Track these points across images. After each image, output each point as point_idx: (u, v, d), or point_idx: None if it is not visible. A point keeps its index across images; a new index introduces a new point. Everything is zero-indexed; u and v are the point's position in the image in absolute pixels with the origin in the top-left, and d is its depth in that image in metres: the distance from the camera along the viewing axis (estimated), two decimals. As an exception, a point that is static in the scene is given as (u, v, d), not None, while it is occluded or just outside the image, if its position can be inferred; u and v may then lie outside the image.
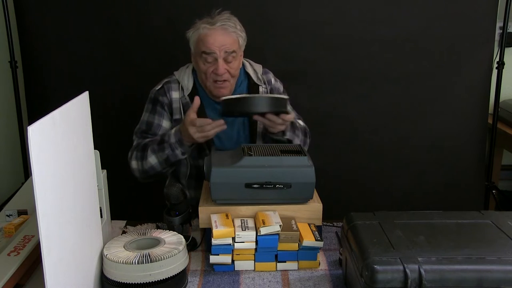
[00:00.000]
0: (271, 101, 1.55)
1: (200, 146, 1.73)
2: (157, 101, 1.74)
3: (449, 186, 2.50)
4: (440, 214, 1.22)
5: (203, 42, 1.65)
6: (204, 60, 1.67)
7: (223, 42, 1.64)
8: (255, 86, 1.80)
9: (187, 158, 1.74)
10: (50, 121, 0.91)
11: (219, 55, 1.65)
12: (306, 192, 1.40)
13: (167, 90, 1.75)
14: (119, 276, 1.14)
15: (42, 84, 2.37)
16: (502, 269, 0.99)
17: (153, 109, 1.75)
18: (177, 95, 1.75)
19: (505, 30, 2.43)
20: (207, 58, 1.66)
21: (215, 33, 1.64)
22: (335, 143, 2.43)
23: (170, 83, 1.76)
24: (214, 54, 1.65)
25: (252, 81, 1.81)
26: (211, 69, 1.67)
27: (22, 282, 1.20)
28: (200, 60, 1.68)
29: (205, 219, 1.38)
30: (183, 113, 1.72)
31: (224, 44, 1.65)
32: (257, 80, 1.81)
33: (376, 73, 2.38)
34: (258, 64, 1.86)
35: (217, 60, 1.65)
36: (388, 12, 2.32)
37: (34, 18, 2.31)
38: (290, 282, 1.27)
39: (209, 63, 1.67)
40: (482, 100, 2.45)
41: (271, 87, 1.84)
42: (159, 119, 1.74)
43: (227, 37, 1.65)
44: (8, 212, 1.47)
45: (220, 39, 1.64)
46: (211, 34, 1.64)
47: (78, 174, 1.07)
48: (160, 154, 1.63)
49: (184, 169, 1.79)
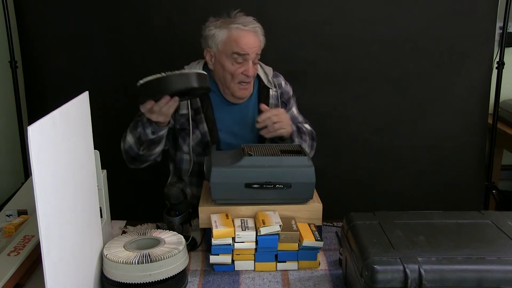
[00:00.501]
0: (184, 77, 1.46)
1: (204, 143, 1.73)
2: None
3: (449, 186, 2.50)
4: (440, 214, 1.22)
5: (237, 42, 1.66)
6: (234, 60, 1.68)
7: (255, 44, 1.68)
8: (265, 89, 1.81)
9: (190, 155, 1.75)
10: (50, 121, 0.91)
11: (250, 57, 1.67)
12: (306, 192, 1.40)
13: None
14: (119, 276, 1.14)
15: (42, 84, 2.37)
16: (502, 269, 0.99)
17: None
18: None
19: (505, 30, 2.43)
20: (238, 58, 1.67)
21: (248, 35, 1.67)
22: (335, 143, 2.43)
23: None
24: (247, 56, 1.67)
25: (263, 83, 1.81)
26: (240, 70, 1.68)
27: (22, 282, 1.20)
28: (228, 60, 1.68)
29: (205, 219, 1.38)
30: (190, 108, 1.73)
31: (256, 46, 1.69)
32: (268, 83, 1.82)
33: (376, 73, 2.38)
34: (269, 67, 1.86)
35: (247, 61, 1.67)
36: (388, 12, 2.32)
37: (34, 18, 2.31)
38: (290, 282, 1.27)
39: (239, 63, 1.68)
40: (482, 100, 2.45)
41: (281, 90, 1.85)
42: None
43: (257, 39, 1.70)
44: (8, 212, 1.47)
45: (253, 41, 1.68)
46: (245, 35, 1.67)
47: (78, 174, 1.07)
48: (134, 132, 1.62)
49: (186, 166, 1.79)
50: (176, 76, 1.44)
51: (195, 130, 1.74)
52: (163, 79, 1.42)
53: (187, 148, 1.76)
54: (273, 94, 1.82)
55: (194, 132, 1.74)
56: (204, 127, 1.74)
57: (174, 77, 1.44)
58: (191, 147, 1.74)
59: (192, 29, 1.84)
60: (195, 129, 1.74)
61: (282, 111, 1.70)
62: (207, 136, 1.75)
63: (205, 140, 1.75)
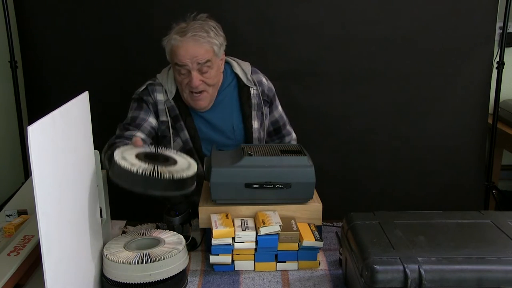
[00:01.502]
0: (168, 184, 1.15)
1: (186, 150, 1.70)
2: (141, 100, 1.71)
3: (449, 186, 2.50)
4: (440, 214, 1.22)
5: (175, 54, 1.61)
6: (178, 72, 1.63)
7: (195, 53, 1.58)
8: (245, 89, 1.76)
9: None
10: (50, 121, 0.91)
11: (191, 67, 1.60)
12: (306, 192, 1.40)
13: (151, 91, 1.71)
14: (119, 276, 1.14)
15: (42, 84, 2.37)
16: (502, 269, 0.99)
17: (138, 107, 1.72)
18: (161, 97, 1.71)
19: (505, 30, 2.43)
20: (180, 70, 1.62)
21: (186, 45, 1.58)
22: (335, 143, 2.43)
23: (154, 85, 1.73)
24: (186, 67, 1.61)
25: (242, 82, 1.76)
26: (185, 81, 1.64)
27: (22, 282, 1.20)
28: (175, 71, 1.65)
29: (205, 219, 1.38)
30: (169, 116, 1.70)
31: (196, 55, 1.59)
32: (247, 81, 1.76)
33: (376, 73, 2.38)
34: (246, 62, 1.81)
35: (190, 71, 1.61)
36: (388, 12, 2.32)
37: (34, 18, 2.31)
38: (290, 282, 1.27)
39: (183, 74, 1.63)
40: (482, 100, 2.45)
41: (262, 88, 1.79)
42: (145, 114, 1.70)
43: (199, 48, 1.58)
44: (8, 212, 1.47)
45: (192, 51, 1.58)
46: (181, 46, 1.59)
47: (78, 174, 1.07)
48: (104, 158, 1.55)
49: None
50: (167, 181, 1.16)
51: (175, 138, 1.71)
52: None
53: None
54: (254, 93, 1.76)
55: (175, 140, 1.71)
56: (186, 135, 1.71)
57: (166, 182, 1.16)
58: None
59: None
60: (175, 137, 1.71)
61: None
62: (190, 143, 1.71)
63: (187, 147, 1.72)
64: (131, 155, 1.16)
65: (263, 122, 1.81)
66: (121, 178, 1.11)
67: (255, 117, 1.77)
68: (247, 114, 1.75)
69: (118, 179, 1.12)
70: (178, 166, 1.17)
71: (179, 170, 1.14)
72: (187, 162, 1.22)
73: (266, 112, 1.82)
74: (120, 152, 1.16)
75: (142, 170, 1.09)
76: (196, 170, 1.19)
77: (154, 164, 1.12)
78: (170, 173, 1.11)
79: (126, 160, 1.12)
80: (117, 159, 1.12)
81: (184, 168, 1.17)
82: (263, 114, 1.80)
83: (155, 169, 1.10)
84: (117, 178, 1.12)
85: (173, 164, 1.17)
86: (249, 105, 1.76)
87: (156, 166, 1.11)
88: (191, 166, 1.19)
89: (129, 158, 1.13)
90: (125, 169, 1.09)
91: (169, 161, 1.19)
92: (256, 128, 1.77)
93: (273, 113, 1.86)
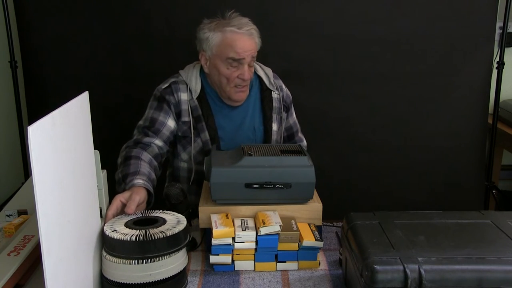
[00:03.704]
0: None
1: (205, 151, 1.71)
2: (163, 99, 1.69)
3: (449, 186, 2.50)
4: (440, 214, 1.22)
5: (232, 46, 1.61)
6: (229, 64, 1.63)
7: (250, 47, 1.63)
8: (267, 92, 1.78)
9: (189, 163, 1.73)
10: (50, 121, 0.91)
11: (246, 61, 1.63)
12: (306, 192, 1.40)
13: (174, 90, 1.69)
14: (119, 276, 1.14)
15: (42, 84, 2.37)
16: (502, 269, 0.99)
17: (158, 106, 1.69)
18: (185, 96, 1.70)
19: (505, 30, 2.43)
20: (233, 63, 1.63)
21: (243, 38, 1.62)
22: (335, 143, 2.43)
23: (177, 84, 1.71)
24: (242, 60, 1.62)
25: (265, 86, 1.78)
26: (236, 73, 1.64)
27: (22, 282, 1.20)
28: (223, 64, 1.64)
29: (205, 219, 1.38)
30: (191, 117, 1.69)
31: (251, 49, 1.63)
32: (269, 84, 1.79)
33: (376, 73, 2.38)
34: (268, 68, 1.83)
35: (243, 65, 1.63)
36: (388, 12, 2.32)
37: (34, 18, 2.31)
38: (290, 282, 1.27)
39: (234, 67, 1.64)
40: (482, 100, 2.45)
41: (283, 93, 1.82)
42: (165, 116, 1.68)
43: (253, 42, 1.64)
44: (8, 212, 1.47)
45: (248, 45, 1.62)
46: (239, 39, 1.61)
47: (78, 174, 1.07)
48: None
49: (184, 173, 1.77)
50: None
51: (196, 139, 1.71)
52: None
53: (186, 156, 1.74)
54: (275, 97, 1.79)
55: (195, 140, 1.71)
56: (206, 136, 1.71)
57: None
58: (192, 155, 1.72)
59: (192, 29, 1.83)
60: (196, 137, 1.71)
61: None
62: (209, 144, 1.71)
63: (206, 148, 1.71)
64: (121, 226, 1.21)
65: (280, 126, 1.83)
66: (116, 249, 1.16)
67: (275, 120, 1.79)
68: (268, 116, 1.78)
69: (113, 251, 1.16)
70: (168, 224, 1.22)
71: (169, 228, 1.19)
72: (175, 218, 1.26)
73: (284, 117, 1.84)
74: (109, 226, 1.21)
75: (136, 236, 1.14)
76: (185, 223, 1.23)
77: (145, 229, 1.18)
78: (162, 232, 1.16)
79: (117, 232, 1.17)
80: (108, 233, 1.17)
81: (174, 224, 1.22)
82: (281, 119, 1.82)
83: (147, 232, 1.15)
84: (113, 251, 1.16)
85: (162, 224, 1.22)
86: (270, 108, 1.78)
87: (147, 230, 1.17)
88: (181, 221, 1.24)
89: (119, 229, 1.19)
90: (119, 239, 1.14)
91: (158, 221, 1.24)
92: (275, 131, 1.79)
93: (288, 119, 1.88)
